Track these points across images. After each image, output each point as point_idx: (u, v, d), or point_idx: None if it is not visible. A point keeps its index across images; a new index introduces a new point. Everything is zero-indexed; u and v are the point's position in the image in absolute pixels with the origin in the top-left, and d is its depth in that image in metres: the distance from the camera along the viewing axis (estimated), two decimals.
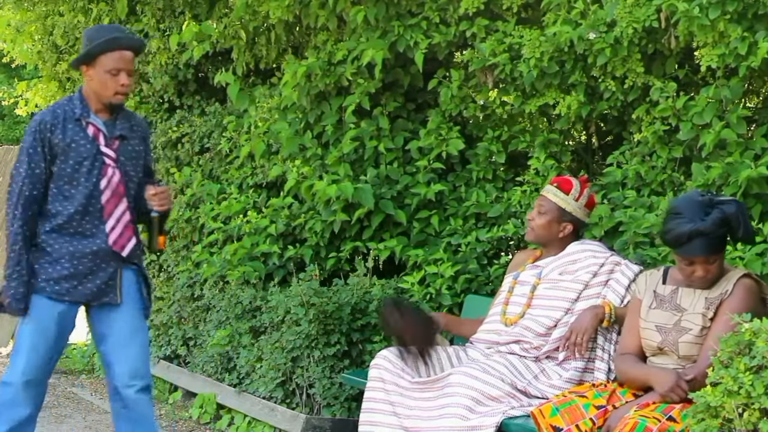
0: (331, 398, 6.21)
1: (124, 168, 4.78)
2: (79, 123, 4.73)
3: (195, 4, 8.02)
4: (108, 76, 4.71)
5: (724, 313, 4.10)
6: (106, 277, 4.75)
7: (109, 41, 4.70)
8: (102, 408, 7.49)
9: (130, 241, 4.78)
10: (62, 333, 4.78)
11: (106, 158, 4.73)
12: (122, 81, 4.71)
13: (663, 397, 4.13)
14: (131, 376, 4.78)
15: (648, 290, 4.44)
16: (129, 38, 4.81)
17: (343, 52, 6.59)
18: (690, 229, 4.13)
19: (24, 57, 9.81)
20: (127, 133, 4.83)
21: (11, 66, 11.03)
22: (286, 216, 6.90)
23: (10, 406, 4.71)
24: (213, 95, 8.22)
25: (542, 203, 5.12)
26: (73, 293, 4.72)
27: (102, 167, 4.72)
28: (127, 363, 4.78)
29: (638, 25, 5.24)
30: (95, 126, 4.75)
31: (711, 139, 5.07)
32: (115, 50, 4.71)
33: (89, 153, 4.70)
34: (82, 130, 4.72)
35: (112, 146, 4.76)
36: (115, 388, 4.82)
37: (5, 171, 12.37)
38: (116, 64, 4.70)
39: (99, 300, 4.77)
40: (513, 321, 5.04)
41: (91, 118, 4.75)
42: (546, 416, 4.28)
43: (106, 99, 4.75)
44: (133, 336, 4.80)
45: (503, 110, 6.18)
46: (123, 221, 4.76)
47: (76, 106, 4.76)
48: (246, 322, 6.80)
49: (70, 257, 4.71)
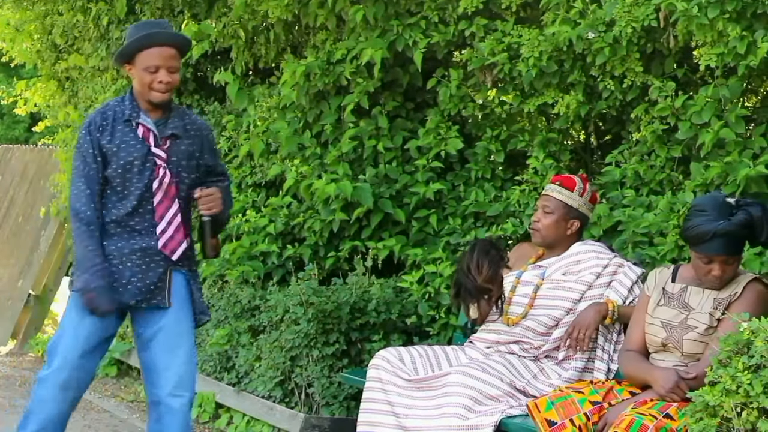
0: (329, 397, 6.21)
1: (176, 169, 4.62)
2: (129, 124, 4.60)
3: (194, 3, 8.02)
4: (146, 74, 4.56)
5: (731, 316, 4.10)
6: (155, 278, 4.59)
7: (143, 38, 4.56)
8: (101, 407, 7.49)
9: (181, 245, 4.61)
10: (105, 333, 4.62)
11: (158, 159, 4.58)
12: (160, 78, 4.55)
13: (662, 396, 4.14)
14: (177, 385, 4.58)
15: (657, 287, 4.45)
16: (167, 34, 4.62)
17: (342, 52, 6.60)
18: (715, 227, 4.14)
19: (23, 56, 9.81)
20: (180, 132, 4.66)
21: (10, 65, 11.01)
22: (285, 215, 6.90)
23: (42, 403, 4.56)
24: (212, 94, 8.22)
25: (547, 203, 5.10)
26: (122, 293, 4.56)
27: (153, 168, 4.57)
28: (173, 370, 4.59)
29: (637, 25, 5.24)
30: (145, 126, 4.61)
31: (710, 139, 5.07)
32: (152, 47, 4.55)
33: (140, 154, 4.56)
34: (132, 131, 4.59)
35: (163, 146, 4.61)
36: (156, 397, 4.62)
37: (5, 171, 12.39)
38: (154, 60, 4.55)
39: (147, 302, 4.60)
40: (515, 321, 5.03)
41: (141, 119, 4.61)
42: (541, 410, 4.29)
43: (146, 97, 4.60)
44: (179, 342, 4.62)
45: (502, 109, 6.19)
46: (174, 223, 4.61)
47: (126, 107, 4.63)
48: (245, 321, 6.80)
49: (118, 255, 4.57)
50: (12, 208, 11.68)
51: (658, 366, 4.34)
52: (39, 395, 4.58)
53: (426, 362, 4.94)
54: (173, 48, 4.61)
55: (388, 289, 6.30)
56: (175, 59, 4.61)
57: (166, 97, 4.61)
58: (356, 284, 6.37)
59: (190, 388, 4.63)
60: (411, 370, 4.91)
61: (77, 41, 9.06)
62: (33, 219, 10.92)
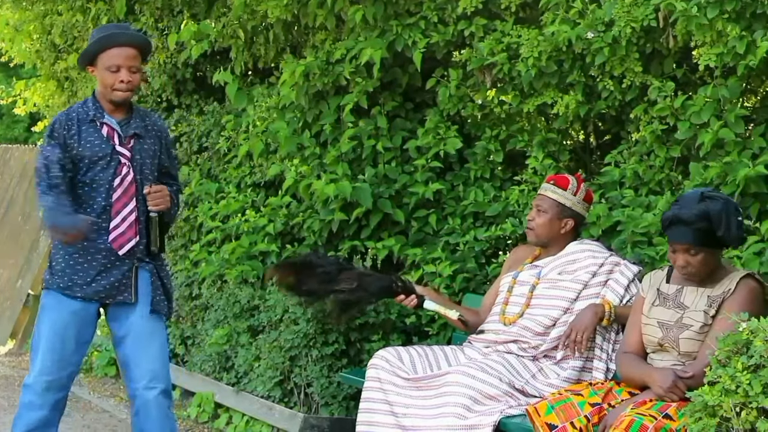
0: (329, 397, 6.21)
1: (139, 167, 4.76)
2: (93, 124, 4.74)
3: (193, 3, 8.02)
4: (108, 74, 4.71)
5: (725, 313, 4.11)
6: (119, 274, 4.73)
7: (104, 38, 4.72)
8: (100, 407, 7.49)
9: (130, 241, 4.73)
10: (80, 332, 4.73)
11: (122, 157, 4.72)
12: (122, 77, 4.69)
13: (660, 397, 4.14)
14: (151, 378, 4.72)
15: (652, 288, 4.46)
16: (127, 34, 4.79)
17: (341, 52, 6.59)
18: (672, 213, 4.24)
19: (22, 56, 9.80)
20: (142, 132, 4.82)
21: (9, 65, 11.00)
22: (284, 215, 6.90)
23: (29, 409, 4.67)
24: (211, 94, 8.22)
25: (540, 203, 5.13)
26: (86, 290, 4.69)
27: (117, 166, 4.71)
28: (146, 364, 4.73)
29: (636, 25, 5.24)
30: (109, 126, 4.75)
31: (709, 139, 5.07)
32: (112, 47, 4.70)
33: (104, 152, 4.70)
34: (97, 131, 4.73)
35: (126, 145, 4.75)
36: (133, 391, 4.76)
37: (4, 171, 12.37)
38: (114, 60, 4.70)
39: (114, 298, 4.73)
40: (512, 321, 5.04)
41: (105, 119, 4.75)
42: (541, 414, 4.29)
43: (108, 97, 4.74)
44: (151, 336, 4.76)
45: (501, 109, 6.19)
46: (128, 220, 4.72)
47: (89, 108, 4.77)
48: (244, 321, 6.80)
49: (84, 253, 4.70)
50: (11, 208, 11.67)
51: (655, 367, 4.34)
52: (23, 400, 4.72)
53: (425, 362, 4.95)
54: (134, 48, 4.75)
55: None
56: (136, 59, 4.76)
57: (128, 96, 4.76)
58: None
59: (164, 380, 4.77)
60: (410, 369, 4.91)
61: (76, 41, 9.06)
62: (32, 219, 10.90)
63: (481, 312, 5.30)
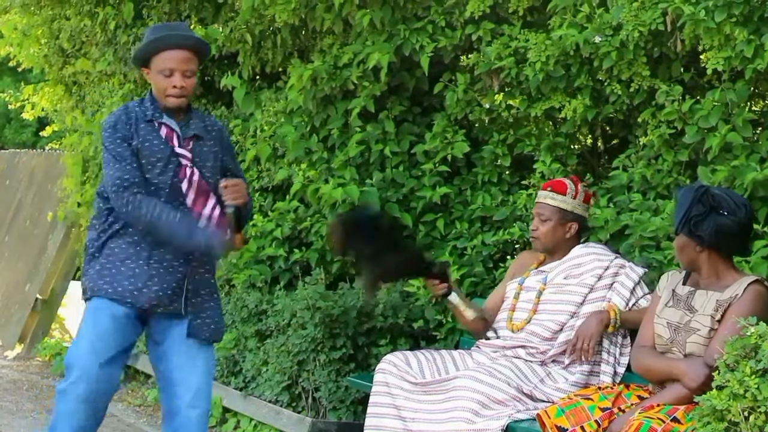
0: (336, 402, 6.21)
1: (201, 170, 4.52)
2: (152, 124, 4.50)
3: (201, 7, 8.03)
4: (161, 77, 4.46)
5: (731, 316, 4.10)
6: (173, 281, 4.48)
7: (157, 40, 4.46)
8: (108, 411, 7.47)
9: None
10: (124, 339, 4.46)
11: (182, 159, 4.49)
12: (175, 82, 4.45)
13: (692, 390, 4.08)
14: (194, 396, 4.49)
15: (668, 288, 4.45)
16: (180, 36, 4.51)
17: (348, 56, 6.60)
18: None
19: (30, 61, 9.82)
20: (202, 133, 4.59)
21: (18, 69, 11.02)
22: (292, 219, 6.90)
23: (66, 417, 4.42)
24: (219, 99, 8.23)
25: (541, 211, 5.13)
26: (137, 297, 4.43)
27: (177, 169, 4.47)
28: (192, 381, 4.49)
29: (644, 29, 5.24)
30: (168, 127, 4.51)
31: (717, 143, 5.06)
32: (166, 50, 4.45)
33: (163, 154, 4.46)
34: (155, 131, 4.49)
35: (186, 147, 4.52)
36: (173, 408, 4.52)
37: (12, 175, 12.41)
38: (167, 64, 4.45)
39: (165, 307, 4.48)
40: (519, 327, 5.04)
41: (164, 119, 4.51)
42: (551, 417, 4.29)
43: (162, 101, 4.50)
44: (198, 352, 4.53)
45: (509, 114, 6.18)
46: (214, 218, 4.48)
47: (147, 108, 4.52)
48: (252, 325, 6.80)
49: (136, 258, 4.45)
50: (20, 213, 11.69)
51: (680, 358, 4.30)
52: (61, 409, 4.44)
53: (433, 366, 4.95)
54: (189, 51, 4.50)
55: (395, 293, 6.30)
56: (191, 62, 4.50)
57: (182, 102, 4.52)
58: (363, 288, 6.36)
59: (207, 399, 4.55)
60: (418, 374, 4.91)
61: (84, 46, 9.07)
62: (40, 223, 10.93)
63: (484, 312, 5.28)
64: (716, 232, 4.24)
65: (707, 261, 4.32)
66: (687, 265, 4.38)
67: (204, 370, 4.54)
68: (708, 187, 4.33)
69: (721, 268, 4.33)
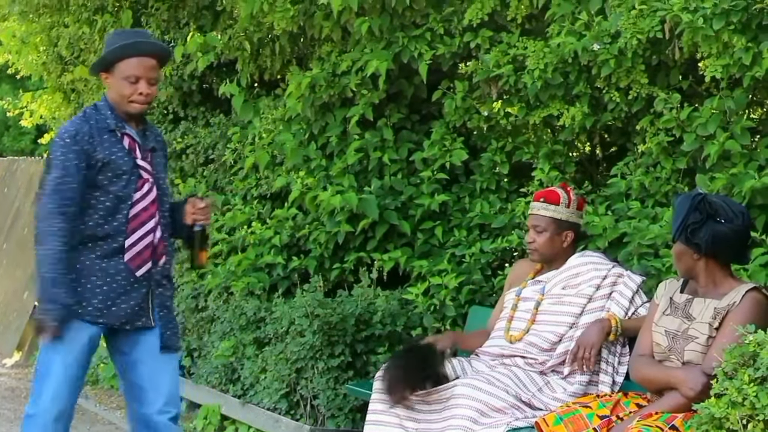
0: (335, 409, 6.20)
1: (157, 182, 4.50)
2: (114, 134, 4.43)
3: (200, 15, 8.05)
4: (126, 84, 4.41)
5: (729, 324, 4.10)
6: (139, 297, 4.47)
7: (126, 46, 4.41)
8: (106, 419, 7.49)
9: (146, 263, 4.46)
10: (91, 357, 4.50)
11: (143, 172, 4.46)
12: (141, 89, 4.41)
13: (690, 399, 4.07)
14: (166, 402, 4.50)
15: (665, 296, 4.45)
16: (150, 44, 4.52)
17: (347, 63, 6.60)
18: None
19: (29, 68, 9.82)
20: (156, 145, 4.57)
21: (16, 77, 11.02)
22: (290, 227, 6.90)
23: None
24: (217, 106, 8.24)
25: (536, 223, 5.12)
26: (108, 315, 4.42)
27: (137, 182, 4.44)
28: (163, 388, 4.51)
29: (642, 36, 5.24)
30: (131, 137, 4.46)
31: (715, 150, 5.06)
32: (133, 56, 4.41)
33: (127, 167, 4.41)
34: (119, 142, 4.43)
35: (146, 159, 4.49)
36: (143, 416, 4.53)
37: (10, 183, 12.40)
38: (134, 71, 4.41)
39: (133, 324, 4.48)
40: (517, 338, 5.03)
41: (126, 129, 4.46)
42: (550, 425, 4.28)
43: (123, 108, 4.43)
44: (166, 359, 4.55)
45: (507, 121, 6.18)
46: (145, 241, 4.45)
47: (107, 116, 4.45)
48: (250, 333, 6.80)
49: (103, 275, 4.41)
50: (18, 220, 11.69)
51: (678, 366, 4.29)
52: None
53: None
54: (154, 59, 4.48)
55: (393, 301, 6.30)
56: (155, 70, 4.49)
57: (144, 108, 4.50)
58: (361, 296, 6.36)
59: (177, 404, 4.60)
60: None
61: (83, 53, 9.07)
62: None
63: (489, 331, 5.28)
64: (713, 240, 4.23)
65: (705, 269, 4.32)
66: (684, 273, 4.38)
67: (173, 377, 4.60)
68: (705, 194, 4.32)
69: (718, 275, 4.32)
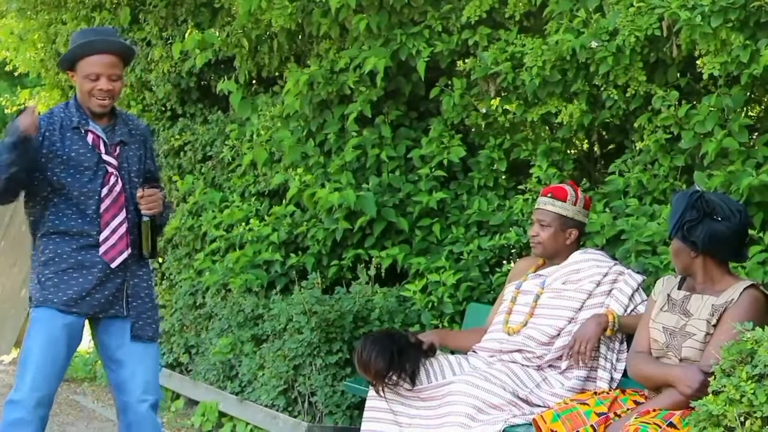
0: (333, 406, 6.20)
1: (127, 175, 4.61)
2: (78, 131, 4.55)
3: (198, 12, 8.04)
4: (87, 81, 4.51)
5: (727, 321, 4.10)
6: (113, 288, 4.57)
7: (84, 45, 4.50)
8: (104, 416, 7.49)
9: (122, 254, 4.56)
10: (70, 347, 4.59)
11: (109, 167, 4.55)
12: (101, 86, 4.49)
13: (687, 396, 4.08)
14: (144, 390, 4.61)
15: (663, 293, 4.45)
16: (107, 41, 4.54)
17: (345, 61, 6.60)
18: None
19: (27, 65, 9.81)
20: (127, 138, 4.64)
21: (14, 74, 11.01)
22: (288, 224, 6.90)
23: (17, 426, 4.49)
24: (215, 103, 8.23)
25: (542, 217, 5.11)
26: (81, 305, 4.53)
27: (104, 176, 4.54)
28: (141, 376, 4.61)
29: (640, 34, 5.24)
30: (95, 133, 4.56)
31: (713, 148, 5.07)
32: (92, 54, 4.49)
33: (90, 162, 4.53)
34: (82, 139, 4.55)
35: (113, 153, 4.58)
36: (124, 403, 4.64)
37: None
38: (93, 68, 4.50)
39: (107, 312, 4.59)
40: (516, 330, 5.03)
41: (90, 126, 4.56)
42: (547, 422, 4.28)
43: (87, 105, 4.55)
44: (145, 348, 4.64)
45: (505, 118, 6.19)
46: (119, 232, 4.56)
47: (72, 114, 4.57)
48: (248, 330, 6.80)
49: (78, 267, 4.53)
50: (15, 217, 11.67)
51: (675, 363, 4.30)
52: (10, 417, 4.52)
53: (429, 371, 4.94)
54: (115, 56, 4.54)
55: (391, 298, 6.30)
56: (117, 67, 4.55)
57: (108, 104, 4.57)
58: (359, 293, 6.36)
59: (156, 392, 4.68)
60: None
61: None
62: None
63: (484, 329, 5.28)
64: (709, 237, 4.24)
65: (702, 266, 4.32)
66: (682, 270, 4.38)
67: (150, 365, 4.67)
68: (702, 192, 4.33)
69: (716, 273, 4.33)
